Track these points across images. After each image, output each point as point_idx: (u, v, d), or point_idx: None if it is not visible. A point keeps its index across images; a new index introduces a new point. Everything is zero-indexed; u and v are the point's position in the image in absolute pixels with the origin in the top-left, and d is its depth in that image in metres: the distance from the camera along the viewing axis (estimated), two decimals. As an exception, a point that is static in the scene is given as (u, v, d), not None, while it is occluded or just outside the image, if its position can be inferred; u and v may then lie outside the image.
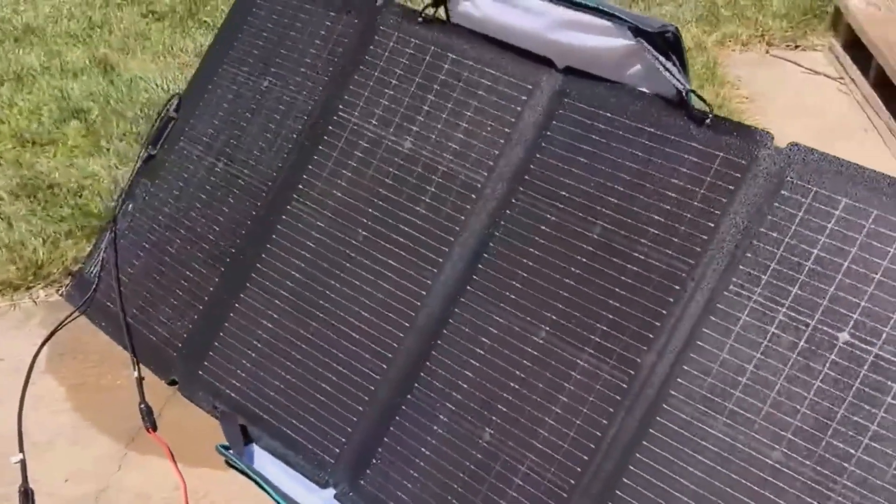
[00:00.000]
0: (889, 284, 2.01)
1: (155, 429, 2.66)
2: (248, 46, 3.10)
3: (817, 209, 2.11)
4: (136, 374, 2.80)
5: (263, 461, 2.57)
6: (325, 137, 2.80)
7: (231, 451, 2.55)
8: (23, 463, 2.55)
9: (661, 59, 2.30)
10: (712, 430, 2.10)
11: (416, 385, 2.47)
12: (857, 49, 4.54)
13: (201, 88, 3.16)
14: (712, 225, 2.21)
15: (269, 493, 2.47)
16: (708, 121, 2.28)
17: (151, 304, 2.94)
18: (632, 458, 2.16)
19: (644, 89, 2.39)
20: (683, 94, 2.29)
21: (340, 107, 2.80)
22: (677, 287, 2.21)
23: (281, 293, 2.72)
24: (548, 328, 2.34)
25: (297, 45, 2.98)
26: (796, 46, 4.96)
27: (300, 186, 2.79)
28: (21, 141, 3.92)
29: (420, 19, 2.74)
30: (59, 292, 3.16)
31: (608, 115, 2.41)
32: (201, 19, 5.12)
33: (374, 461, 2.47)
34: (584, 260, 2.34)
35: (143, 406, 2.70)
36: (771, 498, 2.01)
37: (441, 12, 2.75)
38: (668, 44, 2.30)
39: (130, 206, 3.14)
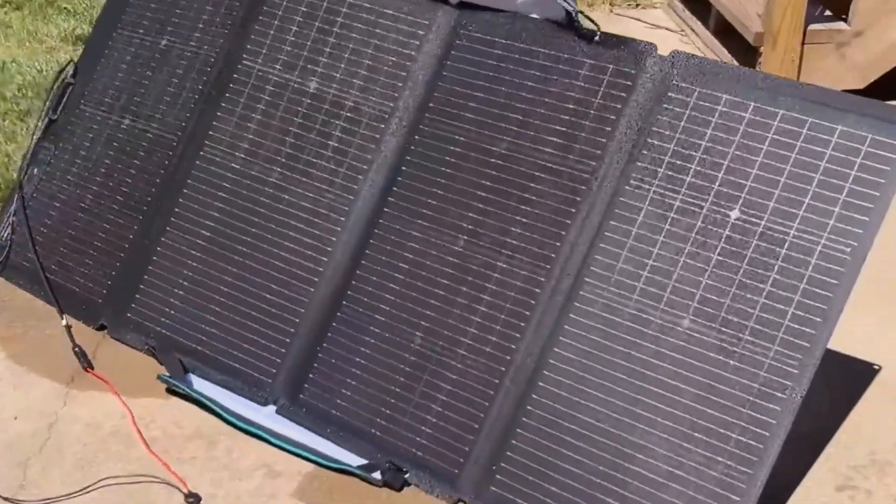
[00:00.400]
0: (771, 165, 2.28)
1: (92, 368, 2.76)
2: (141, 10, 3.21)
3: (702, 106, 2.38)
4: (63, 322, 2.89)
5: (204, 385, 2.70)
6: (231, 85, 2.94)
7: (172, 378, 2.68)
8: (-32, 407, 2.63)
9: (551, -16, 2.53)
10: (627, 308, 2.34)
11: (343, 303, 2.64)
12: (695, 3, 4.90)
13: (97, 54, 3.26)
14: (609, 129, 2.45)
15: (213, 412, 2.60)
16: (597, 38, 2.53)
17: (70, 258, 3.03)
18: (556, 341, 2.39)
19: (535, 15, 2.62)
20: (573, 15, 2.53)
21: (244, 56, 2.95)
22: (583, 187, 2.44)
23: (202, 233, 2.86)
24: (465, 237, 2.55)
25: (192, 4, 3.11)
26: (637, 5, 5.32)
27: (211, 133, 2.93)
28: None
29: (315, -30, 2.92)
30: (-29, 259, 3.22)
31: (504, 41, 2.63)
32: (60, 6, 5.17)
33: (311, 376, 2.63)
34: (494, 172, 2.55)
35: (76, 349, 2.80)
36: (686, 360, 2.26)
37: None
38: (556, -30, 2.54)
39: (35, 170, 3.22)
